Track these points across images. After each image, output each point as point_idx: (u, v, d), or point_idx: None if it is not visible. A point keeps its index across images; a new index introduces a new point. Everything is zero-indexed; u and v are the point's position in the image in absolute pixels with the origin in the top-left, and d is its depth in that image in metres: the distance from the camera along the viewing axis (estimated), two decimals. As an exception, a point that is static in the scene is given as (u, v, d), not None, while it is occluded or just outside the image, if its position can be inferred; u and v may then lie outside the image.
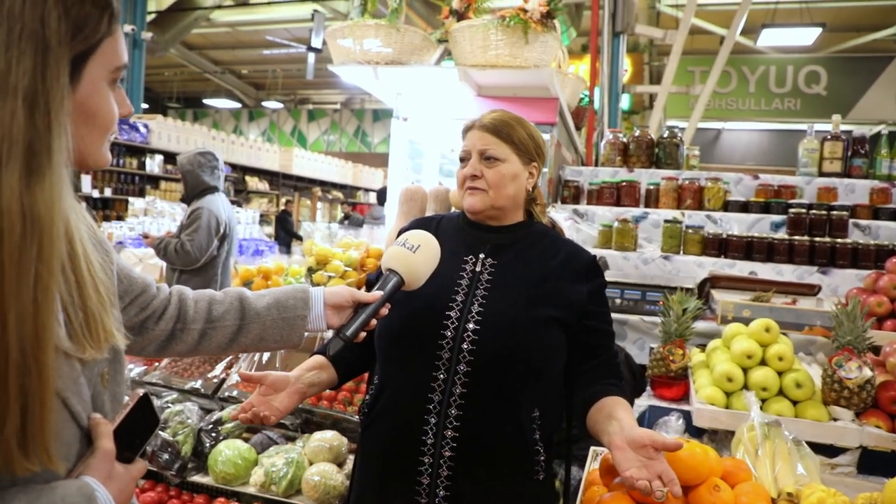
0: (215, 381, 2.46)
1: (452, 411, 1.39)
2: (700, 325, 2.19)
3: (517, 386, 1.41)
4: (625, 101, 11.38)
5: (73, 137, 0.78)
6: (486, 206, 1.51)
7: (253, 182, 12.88)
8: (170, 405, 2.34)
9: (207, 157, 4.23)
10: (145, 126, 9.72)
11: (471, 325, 1.42)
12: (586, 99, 4.80)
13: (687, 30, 7.13)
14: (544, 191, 3.20)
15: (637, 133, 3.33)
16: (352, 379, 1.67)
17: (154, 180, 10.12)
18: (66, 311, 0.81)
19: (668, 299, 1.96)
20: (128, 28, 9.72)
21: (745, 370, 1.92)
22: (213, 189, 4.21)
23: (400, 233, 1.46)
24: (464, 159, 1.54)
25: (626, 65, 11.47)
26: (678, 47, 7.15)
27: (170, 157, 10.38)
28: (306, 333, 1.27)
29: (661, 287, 2.30)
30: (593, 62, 6.54)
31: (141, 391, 0.88)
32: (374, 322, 1.28)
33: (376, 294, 1.28)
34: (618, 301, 2.30)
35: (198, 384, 2.43)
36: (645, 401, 1.91)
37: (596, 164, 4.51)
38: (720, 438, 1.89)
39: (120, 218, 7.34)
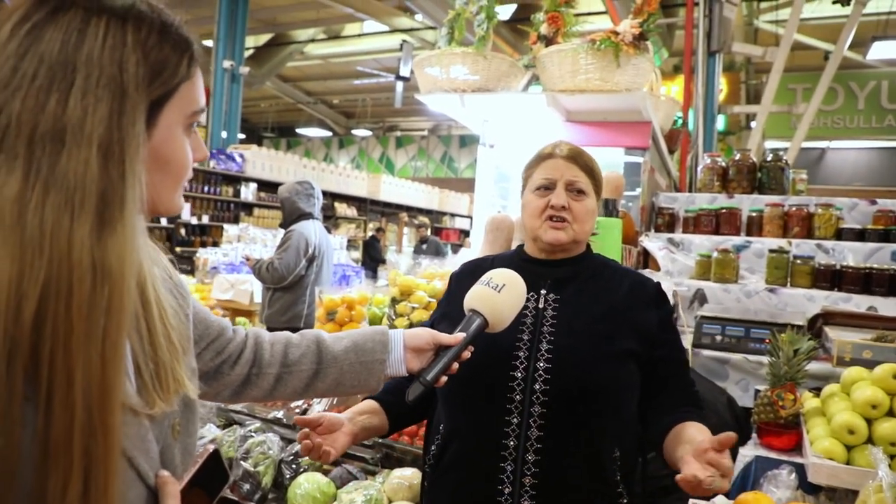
0: (297, 411, 2.45)
1: (530, 457, 1.31)
2: (812, 367, 1.99)
3: (596, 426, 1.34)
4: (720, 123, 10.96)
5: (147, 184, 0.75)
6: (569, 240, 1.45)
7: (342, 208, 13.17)
8: (252, 434, 2.34)
9: (304, 185, 4.57)
10: (241, 155, 10.13)
11: (542, 365, 1.35)
12: (680, 121, 4.61)
13: (789, 46, 6.77)
14: (636, 218, 3.06)
15: (737, 156, 3.14)
16: (401, 430, 1.61)
17: (248, 207, 10.51)
18: (135, 362, 0.78)
19: (777, 338, 1.79)
20: (227, 63, 10.22)
21: (870, 421, 1.71)
22: (308, 215, 4.51)
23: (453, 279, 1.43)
24: (546, 188, 1.47)
25: (722, 84, 11.07)
26: (779, 65, 6.79)
27: (263, 185, 10.77)
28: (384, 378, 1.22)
29: (767, 323, 2.12)
30: (687, 83, 6.30)
31: (212, 446, 0.84)
32: (455, 366, 1.21)
33: (458, 336, 1.21)
34: (718, 338, 2.14)
35: (280, 414, 2.42)
36: (751, 450, 1.74)
37: (691, 190, 4.30)
38: (839, 497, 1.70)
39: (216, 244, 7.63)
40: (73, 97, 0.66)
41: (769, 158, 3.08)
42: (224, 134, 10.90)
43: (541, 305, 1.44)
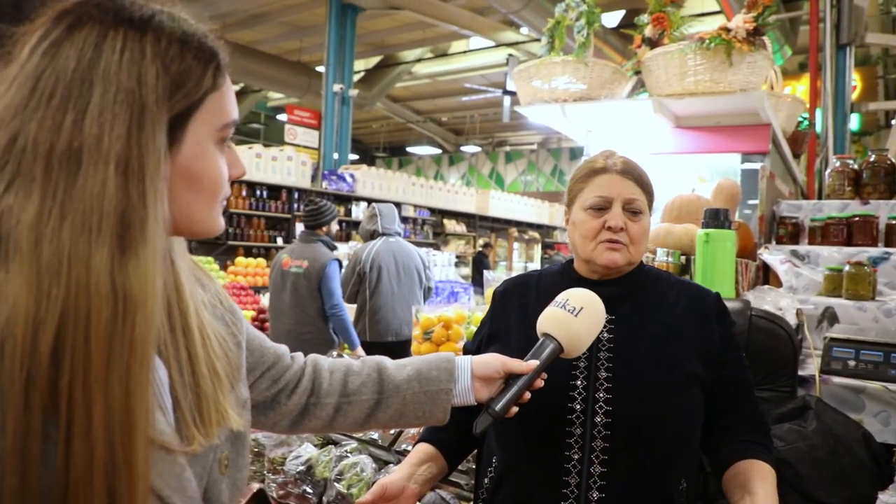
0: (392, 433, 2.40)
1: (594, 495, 1.19)
2: (971, 398, 1.72)
3: (662, 458, 1.22)
4: (854, 122, 10.11)
5: (178, 204, 0.72)
6: (625, 263, 1.34)
7: (451, 225, 13.25)
8: (348, 455, 2.32)
9: (371, 209, 4.91)
10: (351, 176, 10.43)
11: (601, 395, 1.24)
12: (805, 122, 4.25)
13: (932, 35, 6.11)
14: (754, 229, 2.81)
15: (872, 158, 2.81)
16: (460, 463, 1.51)
17: (359, 226, 10.78)
18: (174, 394, 0.74)
19: (925, 366, 1.55)
20: (337, 87, 10.59)
21: None
22: (373, 233, 4.77)
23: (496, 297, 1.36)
24: (600, 207, 1.34)
25: (855, 80, 10.21)
26: (921, 56, 6.14)
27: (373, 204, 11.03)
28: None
29: (912, 347, 1.85)
30: (813, 81, 5.83)
31: (256, 486, 0.79)
32: (527, 395, 1.12)
33: (531, 364, 1.12)
34: (851, 363, 1.88)
35: (376, 435, 2.39)
36: (893, 497, 1.50)
37: (819, 197, 3.94)
38: None
39: (328, 262, 7.86)
40: (89, 115, 0.64)
41: (911, 158, 2.74)
42: (336, 155, 11.27)
43: None
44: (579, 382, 1.26)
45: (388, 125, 20.34)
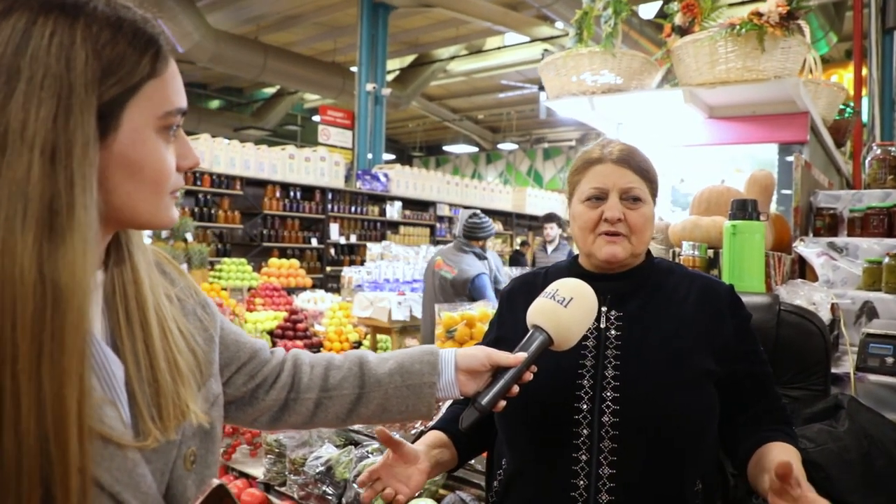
0: (413, 432, 2.37)
1: (603, 497, 1.15)
2: None
3: (674, 459, 1.17)
4: (904, 110, 9.71)
5: (119, 194, 0.71)
6: (627, 256, 1.29)
7: (487, 222, 13.18)
8: (369, 455, 2.29)
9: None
10: (385, 175, 10.46)
11: (609, 394, 1.19)
12: (849, 111, 4.08)
13: None
14: (790, 221, 2.69)
15: (916, 144, 2.68)
16: (472, 458, 1.48)
17: (394, 226, 10.83)
18: (130, 388, 0.73)
19: (967, 363, 1.44)
20: (370, 87, 10.62)
21: None
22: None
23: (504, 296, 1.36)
24: (597, 198, 1.30)
25: (905, 67, 9.80)
26: (975, 37, 5.85)
27: (408, 203, 11.04)
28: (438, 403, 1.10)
29: (956, 343, 1.74)
30: (857, 67, 5.60)
31: (216, 481, 0.76)
32: (515, 389, 1.08)
33: (519, 356, 1.08)
34: (889, 360, 1.78)
35: (397, 435, 2.36)
36: (934, 502, 1.41)
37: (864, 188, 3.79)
38: None
39: (363, 262, 7.90)
40: (14, 100, 0.62)
41: (957, 144, 2.59)
42: (370, 155, 11.33)
43: (602, 325, 1.28)
44: (586, 381, 1.22)
45: (425, 124, 20.36)
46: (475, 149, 21.24)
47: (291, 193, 9.46)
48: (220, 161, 8.50)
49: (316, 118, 13.73)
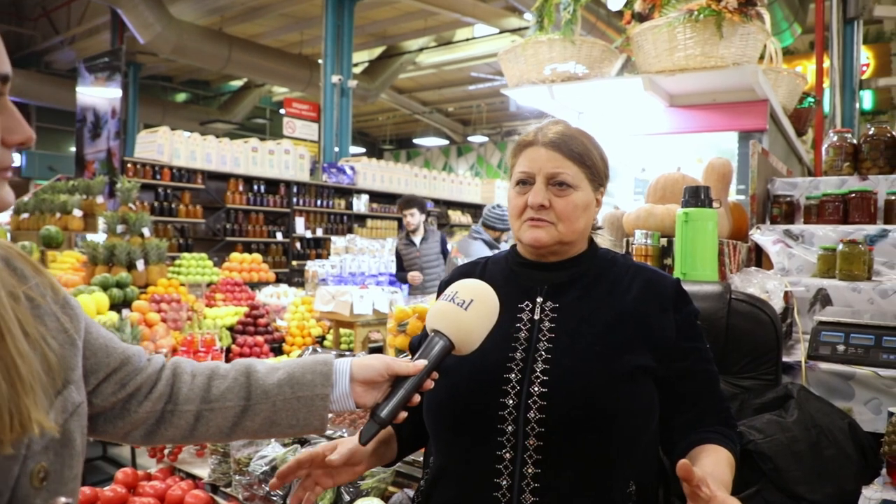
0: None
1: (527, 498, 1.08)
2: (970, 383, 1.57)
3: (604, 459, 1.10)
4: (868, 101, 9.84)
5: None
6: (552, 241, 1.23)
7: (456, 215, 13.14)
8: (318, 455, 2.22)
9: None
10: (352, 168, 10.33)
11: (536, 389, 1.12)
12: (810, 100, 4.08)
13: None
14: (747, 209, 2.66)
15: (871, 130, 2.65)
16: (412, 454, 1.41)
17: (362, 219, 10.71)
18: None
19: (916, 350, 1.41)
20: (335, 78, 10.48)
21: None
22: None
23: (442, 286, 1.25)
24: (524, 182, 1.24)
25: (867, 58, 9.93)
26: (933, 28, 5.91)
27: (375, 196, 10.93)
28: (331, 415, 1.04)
29: (906, 329, 1.71)
30: (819, 57, 5.63)
31: (63, 500, 0.68)
32: (417, 398, 1.03)
33: (418, 364, 1.02)
34: (840, 347, 1.74)
35: (346, 433, 2.28)
36: (878, 492, 1.36)
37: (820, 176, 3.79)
38: None
39: (329, 256, 7.78)
40: None
41: (912, 129, 2.57)
42: (336, 148, 11.18)
43: (536, 316, 1.22)
44: (513, 376, 1.15)
45: (395, 117, 20.20)
46: (446, 142, 21.14)
47: (255, 187, 9.29)
48: (181, 154, 8.31)
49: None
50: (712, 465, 1.07)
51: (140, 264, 5.26)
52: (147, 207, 7.50)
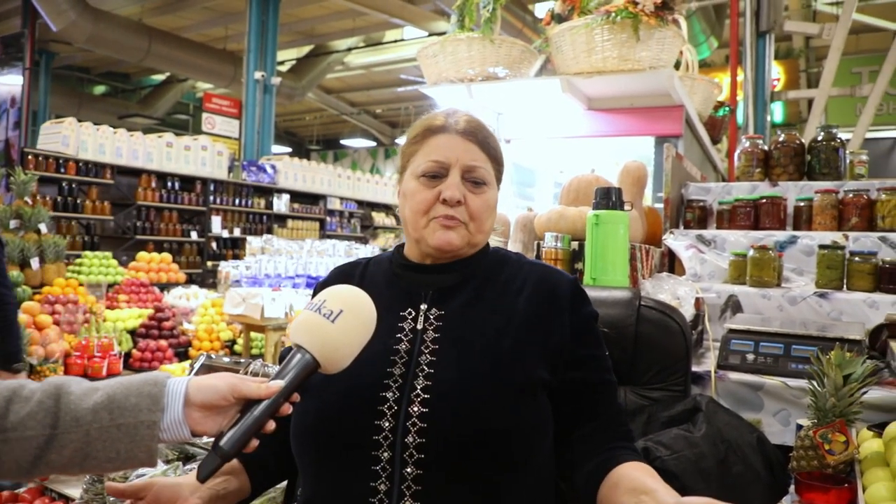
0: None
1: None
2: (874, 395, 1.53)
3: (492, 486, 0.97)
4: (778, 113, 10.25)
5: None
6: (463, 244, 1.10)
7: (379, 218, 12.97)
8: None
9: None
10: (272, 167, 10.02)
11: (416, 409, 0.98)
12: (724, 109, 4.15)
13: (849, 22, 6.13)
14: (662, 214, 2.63)
15: (781, 137, 2.67)
16: (272, 487, 1.24)
17: (282, 219, 10.39)
18: None
19: (821, 360, 1.36)
20: (258, 75, 10.16)
21: (953, 471, 1.27)
22: None
23: (316, 290, 1.10)
24: (435, 174, 1.11)
25: (778, 73, 10.35)
26: (839, 42, 6.15)
27: (297, 196, 10.62)
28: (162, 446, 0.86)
29: (813, 338, 1.67)
30: (733, 69, 5.77)
31: None
32: (272, 425, 0.87)
33: (272, 386, 0.87)
34: (750, 356, 1.69)
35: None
36: (787, 510, 1.31)
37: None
38: (914, 573, 1.25)
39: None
40: None
41: (820, 138, 2.60)
42: (258, 146, 10.84)
43: (419, 326, 1.08)
44: (390, 395, 1.01)
45: (322, 117, 19.84)
46: (373, 143, 20.92)
47: (169, 184, 8.84)
48: (88, 147, 7.81)
49: (206, 107, 13.05)
50: (658, 483, 0.95)
51: (35, 262, 4.88)
52: (49, 203, 7.01)
